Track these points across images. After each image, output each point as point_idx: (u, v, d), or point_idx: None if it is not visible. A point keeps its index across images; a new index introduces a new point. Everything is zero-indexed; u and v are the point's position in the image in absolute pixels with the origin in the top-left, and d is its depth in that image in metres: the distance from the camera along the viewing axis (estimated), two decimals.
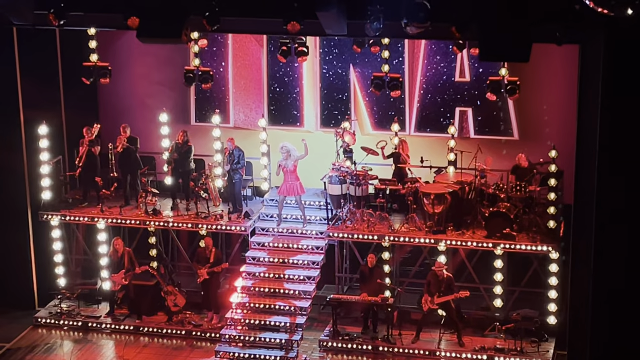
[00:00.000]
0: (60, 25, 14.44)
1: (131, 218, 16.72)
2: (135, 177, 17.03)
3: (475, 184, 16.01)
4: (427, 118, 17.17)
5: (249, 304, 16.00)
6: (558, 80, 16.32)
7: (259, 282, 16.20)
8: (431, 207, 15.72)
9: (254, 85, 17.75)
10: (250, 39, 17.49)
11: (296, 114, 17.60)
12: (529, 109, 16.68)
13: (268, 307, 15.93)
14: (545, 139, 16.22)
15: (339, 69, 17.36)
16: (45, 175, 16.91)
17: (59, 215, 16.86)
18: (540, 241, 15.40)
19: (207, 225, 16.47)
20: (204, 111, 17.85)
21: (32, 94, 16.52)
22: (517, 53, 12.57)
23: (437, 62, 16.97)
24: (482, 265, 16.16)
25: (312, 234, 16.63)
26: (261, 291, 16.11)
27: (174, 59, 17.45)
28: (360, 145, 16.72)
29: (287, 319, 15.73)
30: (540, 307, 15.79)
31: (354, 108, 17.44)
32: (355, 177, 16.21)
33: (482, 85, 16.24)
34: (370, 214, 16.15)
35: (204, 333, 16.26)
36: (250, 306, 15.99)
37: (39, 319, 16.77)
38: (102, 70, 16.43)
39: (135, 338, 16.34)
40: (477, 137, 16.93)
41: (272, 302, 15.96)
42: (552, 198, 15.40)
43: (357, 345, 15.72)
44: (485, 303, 16.16)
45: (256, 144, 17.17)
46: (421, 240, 15.82)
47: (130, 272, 16.37)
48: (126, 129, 16.95)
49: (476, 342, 15.54)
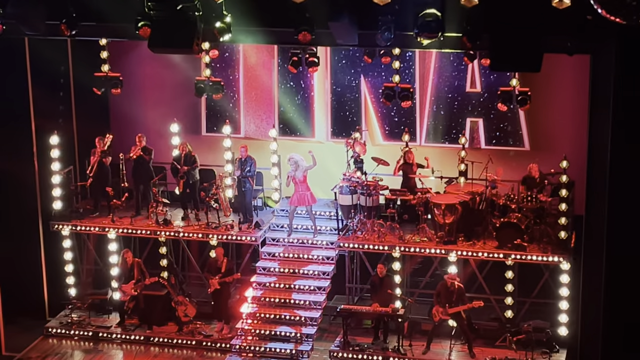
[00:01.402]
0: (72, 36, 14.52)
1: (142, 228, 16.76)
2: (148, 187, 17.06)
3: (486, 195, 16.00)
4: (437, 129, 17.18)
5: (260, 314, 16.01)
6: (569, 90, 16.31)
7: (269, 293, 16.22)
8: (442, 218, 15.70)
9: (265, 95, 17.80)
10: (261, 49, 17.54)
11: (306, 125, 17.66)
12: (540, 119, 16.67)
13: (278, 317, 15.94)
14: (556, 150, 16.20)
15: (349, 79, 17.40)
16: (57, 185, 16.97)
17: (69, 225, 16.91)
18: (552, 252, 15.36)
19: (218, 236, 16.50)
20: (215, 121, 17.91)
21: (44, 104, 16.58)
22: (528, 63, 12.60)
23: (448, 73, 16.99)
24: (493, 276, 16.12)
25: (323, 245, 16.64)
26: (271, 301, 16.12)
27: (185, 70, 17.51)
28: (370, 155, 16.74)
29: (298, 329, 15.72)
30: (551, 318, 15.74)
31: (365, 118, 17.46)
32: (366, 187, 16.22)
33: (494, 96, 16.25)
34: (381, 225, 16.15)
35: (215, 343, 16.26)
36: (260, 316, 16.00)
37: (49, 328, 16.80)
38: (113, 81, 16.53)
39: (146, 348, 16.36)
40: (488, 147, 16.93)
41: (283, 312, 15.97)
42: (563, 209, 15.36)
43: (368, 356, 15.68)
44: (496, 314, 16.11)
45: (267, 155, 17.20)
46: (432, 250, 15.80)
47: (140, 283, 16.40)
48: (142, 138, 17.00)
49: (487, 353, 15.50)
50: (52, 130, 16.79)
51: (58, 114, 17.11)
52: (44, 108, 16.61)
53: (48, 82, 16.73)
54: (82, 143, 17.53)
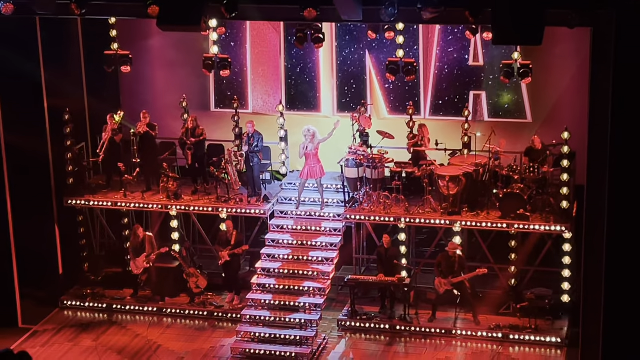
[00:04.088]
0: (81, 15, 14.72)
1: (153, 202, 17.06)
2: (155, 162, 17.34)
3: (489, 166, 16.26)
4: (441, 102, 17.43)
5: (269, 285, 16.33)
6: (570, 62, 16.51)
7: (278, 264, 16.52)
8: (446, 189, 15.98)
9: (272, 71, 18.04)
10: (268, 26, 17.78)
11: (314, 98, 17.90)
12: (542, 91, 16.89)
13: (287, 288, 16.22)
14: (558, 122, 16.43)
15: (355, 54, 17.62)
16: (69, 161, 17.28)
17: (83, 200, 17.24)
18: (554, 221, 15.63)
19: (227, 209, 16.81)
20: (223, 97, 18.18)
21: (56, 83, 16.83)
22: (529, 37, 12.77)
23: (451, 47, 17.20)
24: (496, 246, 16.40)
25: (330, 217, 16.92)
26: (281, 272, 16.41)
27: (194, 46, 17.75)
28: (376, 129, 17.00)
29: (307, 299, 16.03)
30: (554, 286, 16.04)
31: (370, 93, 17.71)
32: (372, 160, 16.48)
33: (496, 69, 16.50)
34: (387, 197, 16.43)
35: (226, 314, 16.63)
36: (270, 287, 16.32)
37: (64, 301, 17.18)
38: (123, 59, 16.83)
39: (159, 319, 16.71)
40: (491, 120, 17.18)
41: (292, 283, 16.24)
42: (565, 179, 15.62)
43: (375, 324, 16.05)
44: (500, 282, 16.43)
45: (274, 129, 17.47)
46: (437, 221, 16.10)
47: (151, 255, 16.74)
48: (146, 115, 17.27)
49: (491, 321, 15.83)
50: (64, 107, 17.05)
51: (70, 91, 17.37)
52: (56, 86, 16.85)
53: (59, 60, 16.95)
54: (93, 120, 17.81)
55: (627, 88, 13.23)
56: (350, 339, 15.98)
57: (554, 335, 15.48)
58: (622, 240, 13.73)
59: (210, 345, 15.86)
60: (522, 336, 15.51)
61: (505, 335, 15.58)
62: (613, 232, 13.76)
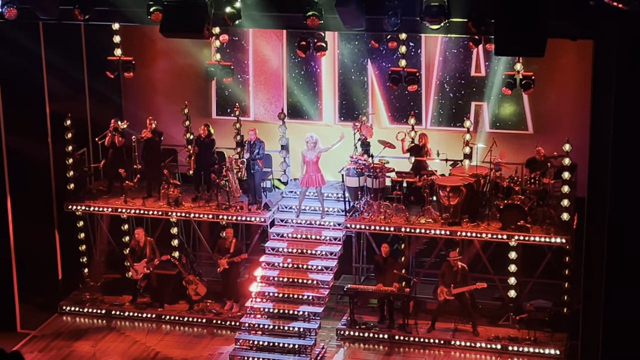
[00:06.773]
0: (85, 20, 14.77)
1: (154, 209, 17.06)
2: (158, 169, 17.35)
3: (490, 177, 16.26)
4: (442, 112, 17.44)
5: (268, 293, 16.31)
6: (572, 74, 16.53)
7: (278, 272, 16.50)
8: (447, 200, 15.98)
9: (274, 79, 18.06)
10: (270, 34, 17.81)
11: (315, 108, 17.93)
12: (544, 103, 16.91)
13: (287, 296, 16.21)
14: (559, 133, 16.42)
15: (357, 63, 17.65)
16: (70, 166, 17.29)
17: (83, 205, 17.23)
18: (554, 233, 15.62)
19: (228, 217, 16.81)
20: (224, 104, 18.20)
21: (58, 88, 16.85)
22: (532, 48, 12.80)
23: (453, 57, 17.23)
24: (496, 257, 16.39)
25: (330, 226, 16.92)
26: (280, 281, 16.40)
27: (196, 54, 17.78)
28: (377, 138, 17.01)
29: (306, 308, 16.02)
30: (553, 298, 16.02)
31: (372, 102, 17.73)
32: (373, 169, 16.49)
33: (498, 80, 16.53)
34: (387, 206, 16.42)
35: (225, 321, 16.61)
36: (269, 295, 16.31)
37: (63, 307, 17.17)
38: (126, 65, 16.86)
39: (157, 326, 16.69)
40: (493, 131, 17.19)
41: (291, 291, 16.23)
42: (565, 191, 15.61)
43: (374, 334, 16.03)
44: (500, 294, 16.40)
45: (275, 137, 17.47)
46: (437, 232, 16.10)
47: (152, 261, 16.74)
48: (152, 121, 17.28)
49: (490, 332, 15.81)
50: (66, 113, 17.07)
51: (72, 97, 17.39)
52: (58, 92, 16.87)
53: (62, 66, 16.96)
54: (95, 126, 17.82)
55: (629, 101, 13.23)
56: (349, 348, 15.96)
57: (553, 347, 15.46)
58: (622, 253, 13.71)
59: (208, 353, 15.83)
60: (521, 348, 15.48)
61: (504, 347, 15.55)
62: (613, 245, 13.75)
